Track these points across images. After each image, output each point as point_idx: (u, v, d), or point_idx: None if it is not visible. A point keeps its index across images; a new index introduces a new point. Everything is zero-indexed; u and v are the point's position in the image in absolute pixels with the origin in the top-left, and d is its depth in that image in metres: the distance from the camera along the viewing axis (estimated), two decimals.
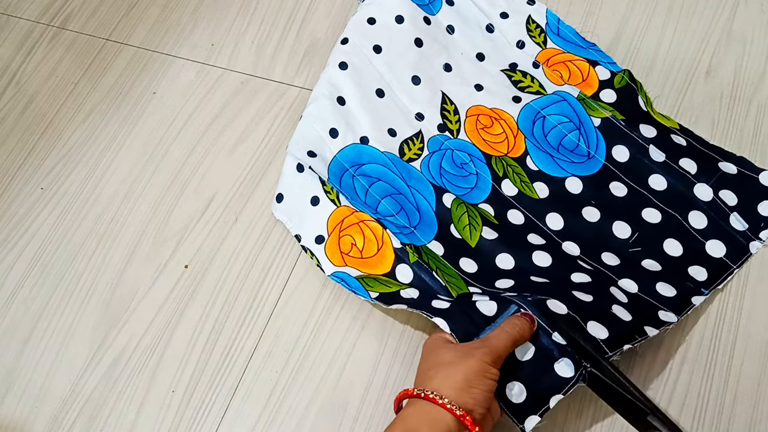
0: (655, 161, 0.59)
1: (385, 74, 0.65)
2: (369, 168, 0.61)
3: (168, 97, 0.71)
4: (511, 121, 0.64)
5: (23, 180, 0.68)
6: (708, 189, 0.57)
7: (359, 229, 0.58)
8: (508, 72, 0.66)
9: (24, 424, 0.56)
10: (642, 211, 0.58)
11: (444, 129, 0.64)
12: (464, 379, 0.44)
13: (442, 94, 0.65)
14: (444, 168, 0.62)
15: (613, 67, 0.64)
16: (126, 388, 0.57)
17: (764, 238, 0.56)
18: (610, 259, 0.57)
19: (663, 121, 0.61)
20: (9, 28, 0.78)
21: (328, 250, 0.58)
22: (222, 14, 0.75)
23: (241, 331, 0.58)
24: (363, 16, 0.67)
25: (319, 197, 0.59)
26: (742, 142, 0.62)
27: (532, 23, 0.68)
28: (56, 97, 0.72)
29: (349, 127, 0.63)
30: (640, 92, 0.62)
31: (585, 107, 0.63)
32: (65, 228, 0.65)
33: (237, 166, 0.66)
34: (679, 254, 0.56)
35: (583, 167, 0.61)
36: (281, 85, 0.70)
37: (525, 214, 0.60)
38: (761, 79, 0.65)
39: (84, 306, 0.61)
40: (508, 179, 0.61)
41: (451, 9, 0.69)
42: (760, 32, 0.67)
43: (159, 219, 0.64)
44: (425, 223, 0.59)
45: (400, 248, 0.56)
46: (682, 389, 0.53)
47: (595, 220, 0.59)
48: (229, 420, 0.55)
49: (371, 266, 0.57)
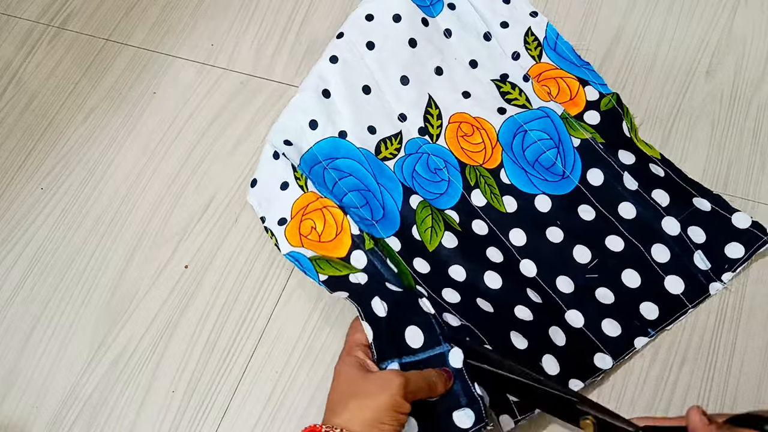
0: (628, 189, 0.59)
1: (375, 71, 0.65)
2: (342, 162, 0.62)
3: (168, 97, 0.71)
4: (491, 132, 0.64)
5: (23, 180, 0.68)
6: (676, 223, 0.56)
7: (321, 214, 0.58)
8: (498, 82, 0.66)
9: (24, 424, 0.56)
10: (606, 237, 0.57)
11: (424, 132, 0.64)
12: (374, 416, 0.42)
13: (428, 97, 0.65)
14: (417, 171, 0.62)
15: (603, 88, 0.64)
16: (126, 388, 0.57)
17: (726, 280, 0.55)
18: (565, 284, 0.56)
19: (645, 149, 0.61)
20: (9, 28, 0.78)
21: (287, 232, 0.58)
22: (222, 14, 0.75)
23: (241, 331, 0.58)
24: (362, 12, 0.67)
25: (288, 182, 0.60)
26: (742, 142, 0.62)
27: (531, 36, 0.67)
28: (56, 97, 0.72)
29: (330, 120, 0.63)
30: (625, 117, 0.62)
31: (567, 126, 0.62)
32: (65, 228, 0.65)
33: (237, 166, 0.66)
34: (636, 286, 0.55)
35: (555, 186, 0.61)
36: (281, 85, 0.70)
37: (489, 225, 0.60)
38: (761, 79, 0.65)
39: (84, 306, 0.61)
40: (479, 189, 0.61)
41: (452, 13, 0.69)
42: (760, 32, 0.67)
43: (159, 219, 0.64)
44: (388, 219, 0.60)
45: (357, 234, 0.57)
46: (682, 389, 0.53)
47: (557, 241, 0.58)
48: (229, 420, 0.55)
49: (327, 250, 0.57)
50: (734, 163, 0.61)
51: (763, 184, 0.60)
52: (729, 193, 0.59)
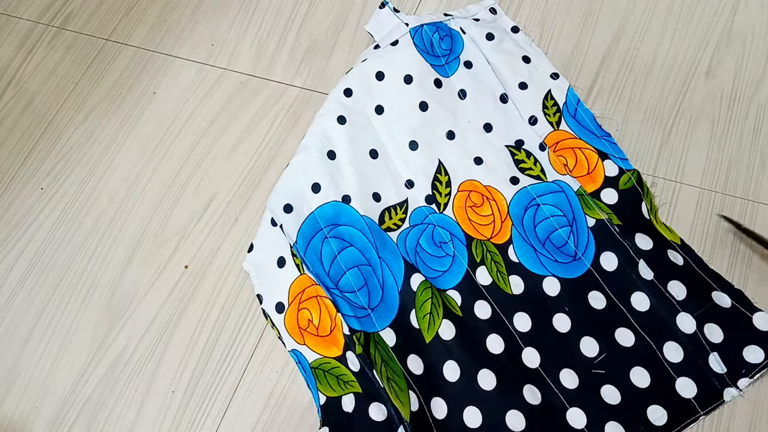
0: (643, 278, 0.55)
1: (382, 136, 0.63)
2: (344, 230, 0.59)
3: (168, 98, 0.71)
4: (502, 204, 0.61)
5: (23, 180, 0.68)
6: (692, 320, 0.53)
7: (317, 303, 0.56)
8: (513, 149, 0.63)
9: (24, 424, 0.56)
10: (616, 330, 0.54)
11: (432, 201, 0.61)
12: None
13: (438, 162, 0.63)
14: (421, 245, 0.60)
15: (623, 163, 0.61)
16: (126, 389, 0.57)
17: (742, 386, 0.51)
18: (569, 379, 0.53)
19: (665, 233, 0.57)
20: (9, 28, 0.78)
21: (287, 323, 0.57)
22: (222, 14, 0.75)
23: (241, 331, 0.58)
24: (372, 69, 0.65)
25: (285, 258, 0.58)
26: (742, 142, 0.62)
27: (550, 100, 0.64)
28: (56, 97, 0.72)
29: (333, 183, 0.61)
30: (645, 197, 0.59)
31: (582, 204, 0.59)
32: (65, 228, 0.65)
33: (237, 166, 0.66)
34: (645, 386, 0.52)
35: (566, 269, 0.57)
36: (281, 85, 0.70)
37: (493, 308, 0.57)
38: (761, 79, 0.65)
39: (84, 306, 0.61)
40: (485, 267, 0.58)
41: (468, 72, 0.66)
42: (760, 32, 0.67)
43: (159, 219, 0.64)
44: (386, 303, 0.57)
45: (348, 335, 0.55)
46: None
47: (564, 330, 0.55)
48: (229, 420, 0.55)
49: (325, 346, 0.55)
50: (734, 163, 0.61)
51: (763, 184, 0.60)
52: (729, 193, 0.59)
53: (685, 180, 0.60)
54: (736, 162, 0.61)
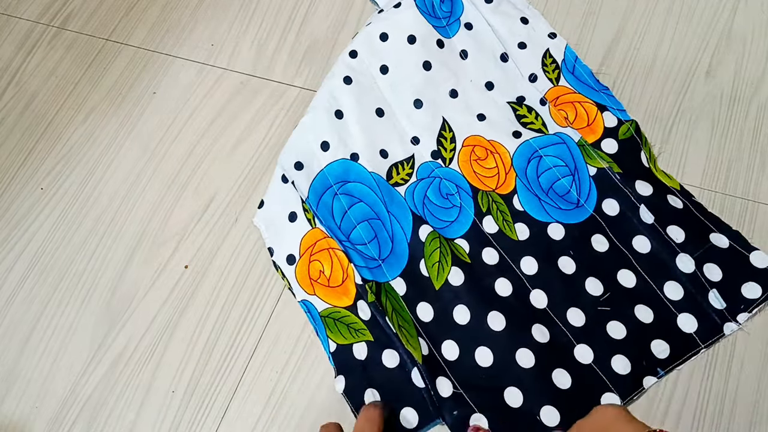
0: (644, 222, 0.57)
1: (388, 95, 0.65)
2: (353, 186, 0.61)
3: (168, 98, 0.71)
4: (506, 156, 0.62)
5: (23, 180, 0.68)
6: (691, 261, 0.55)
7: (328, 255, 0.58)
8: (514, 105, 0.65)
9: (24, 424, 0.56)
10: (619, 271, 0.56)
11: (437, 156, 0.63)
12: None
13: (442, 120, 0.64)
14: (428, 197, 0.61)
15: (621, 114, 0.62)
16: (126, 389, 0.57)
17: (741, 321, 0.53)
18: (576, 317, 0.55)
19: (664, 179, 0.59)
20: (9, 28, 0.78)
21: (298, 274, 0.58)
22: (222, 14, 0.75)
23: (241, 331, 0.58)
24: (376, 31, 0.66)
25: (296, 213, 0.60)
26: (742, 142, 0.62)
27: (549, 58, 0.66)
28: (56, 97, 0.72)
29: (342, 142, 0.62)
30: (644, 147, 0.61)
31: (583, 154, 0.61)
32: (65, 228, 0.65)
33: (237, 166, 0.66)
34: (649, 321, 0.54)
35: (569, 215, 0.59)
36: (281, 85, 0.70)
37: (501, 254, 0.58)
38: (761, 79, 0.65)
39: (84, 306, 0.61)
40: (491, 216, 0.60)
41: (468, 33, 0.67)
42: (760, 32, 0.67)
43: (159, 219, 0.64)
44: (395, 254, 0.59)
45: (360, 285, 0.56)
46: (682, 389, 0.53)
47: (569, 272, 0.57)
48: (229, 420, 0.55)
49: (336, 297, 0.57)
50: (734, 163, 0.61)
51: (763, 184, 0.60)
52: (729, 193, 0.59)
53: (685, 180, 0.60)
54: (736, 162, 0.61)
